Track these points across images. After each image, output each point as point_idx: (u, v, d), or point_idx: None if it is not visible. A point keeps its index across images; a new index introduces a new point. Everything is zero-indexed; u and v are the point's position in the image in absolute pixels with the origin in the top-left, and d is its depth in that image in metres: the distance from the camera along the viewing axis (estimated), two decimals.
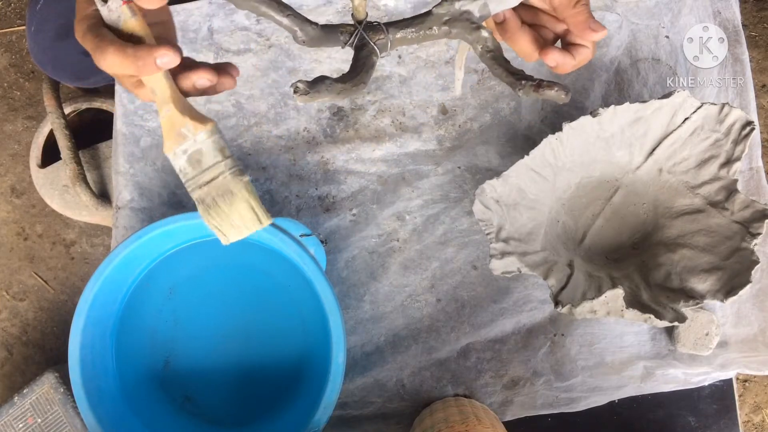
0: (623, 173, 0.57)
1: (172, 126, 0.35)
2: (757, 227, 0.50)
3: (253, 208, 0.36)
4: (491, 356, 0.60)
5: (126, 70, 0.33)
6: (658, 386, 0.59)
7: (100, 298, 0.51)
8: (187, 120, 0.35)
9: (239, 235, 0.37)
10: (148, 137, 0.63)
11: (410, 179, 0.62)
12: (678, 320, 0.48)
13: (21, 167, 1.30)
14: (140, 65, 0.32)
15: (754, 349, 0.59)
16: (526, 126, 0.62)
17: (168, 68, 0.33)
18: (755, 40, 1.31)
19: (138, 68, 0.32)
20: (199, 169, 0.35)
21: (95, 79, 0.90)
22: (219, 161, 0.35)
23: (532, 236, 0.54)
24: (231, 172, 0.35)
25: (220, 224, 0.36)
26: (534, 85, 0.35)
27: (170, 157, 0.36)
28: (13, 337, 1.27)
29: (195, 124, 0.35)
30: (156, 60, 0.32)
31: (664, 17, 0.63)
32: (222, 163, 0.35)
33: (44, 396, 0.96)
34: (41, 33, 0.88)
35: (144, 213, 0.62)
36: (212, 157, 0.35)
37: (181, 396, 0.55)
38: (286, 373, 0.55)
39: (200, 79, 0.36)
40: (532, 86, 0.35)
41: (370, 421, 0.59)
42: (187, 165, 0.35)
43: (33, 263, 1.28)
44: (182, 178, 0.36)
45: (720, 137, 0.53)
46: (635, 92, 0.63)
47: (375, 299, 0.60)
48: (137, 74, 0.34)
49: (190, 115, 0.35)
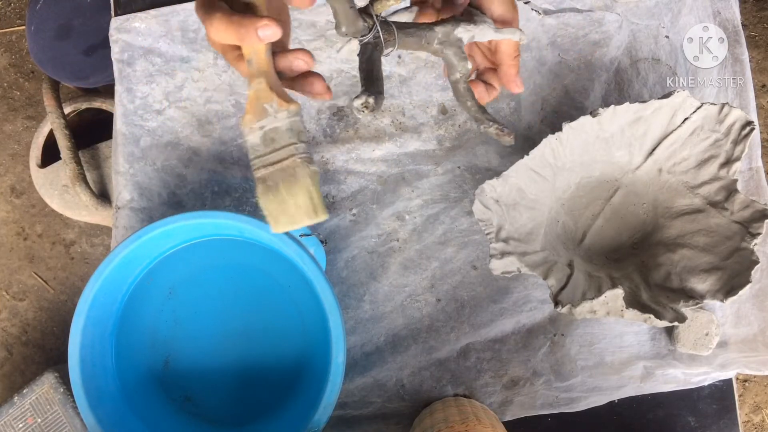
0: (623, 173, 0.57)
1: (257, 100, 0.35)
2: (757, 227, 0.50)
3: (312, 198, 0.35)
4: (491, 356, 0.60)
5: (228, 38, 0.33)
6: (657, 386, 0.59)
7: (99, 298, 0.51)
8: (273, 96, 0.35)
9: (290, 225, 0.36)
10: (147, 137, 0.63)
11: (410, 179, 0.62)
12: (678, 320, 0.48)
13: (21, 167, 1.30)
14: (242, 33, 0.33)
15: (754, 349, 0.59)
16: (526, 126, 0.62)
17: (268, 41, 0.33)
18: (755, 40, 1.31)
19: (240, 36, 0.33)
20: (271, 148, 0.35)
21: (95, 78, 0.90)
22: (293, 143, 0.35)
23: (532, 236, 0.54)
24: (301, 157, 0.35)
25: (274, 209, 0.36)
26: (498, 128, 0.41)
27: (245, 131, 0.36)
28: (13, 337, 1.27)
29: (280, 102, 0.34)
30: (258, 30, 0.32)
31: (664, 17, 0.63)
32: (294, 146, 0.35)
33: (44, 396, 0.96)
34: (41, 33, 0.88)
35: (144, 213, 0.62)
36: (287, 137, 0.35)
37: (181, 396, 0.55)
38: (286, 373, 0.55)
39: (297, 60, 0.36)
40: (497, 129, 0.41)
41: (370, 421, 0.59)
42: (260, 142, 0.35)
43: (33, 263, 1.28)
44: (251, 155, 0.36)
45: (720, 137, 0.53)
46: (635, 92, 0.63)
47: (375, 299, 0.60)
48: (239, 43, 0.34)
49: (278, 93, 0.35)
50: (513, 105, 0.62)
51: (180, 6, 0.63)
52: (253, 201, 0.62)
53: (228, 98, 0.63)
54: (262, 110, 0.35)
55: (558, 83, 0.62)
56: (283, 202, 0.35)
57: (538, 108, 0.62)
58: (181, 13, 0.63)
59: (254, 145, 0.35)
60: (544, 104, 0.62)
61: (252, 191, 0.62)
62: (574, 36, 0.63)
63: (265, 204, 0.36)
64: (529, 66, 0.62)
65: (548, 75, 0.62)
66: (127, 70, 0.63)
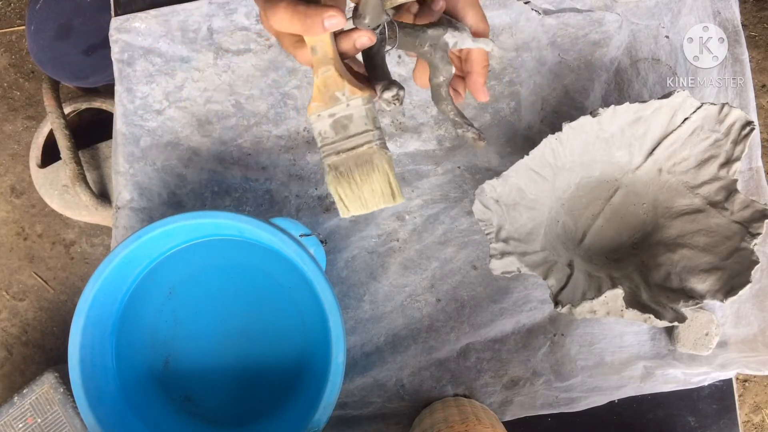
0: (623, 173, 0.57)
1: (326, 87, 0.35)
2: (757, 227, 0.50)
3: (391, 183, 0.35)
4: (491, 356, 0.60)
5: (293, 28, 0.33)
6: (657, 386, 0.59)
7: (99, 298, 0.51)
8: (345, 83, 0.34)
9: (364, 209, 0.36)
10: (147, 137, 0.63)
11: (410, 179, 0.62)
12: (678, 320, 0.48)
13: (21, 167, 1.30)
14: (308, 24, 0.32)
15: (754, 349, 0.59)
16: (526, 126, 0.62)
17: (333, 30, 0.33)
18: (755, 40, 1.31)
19: (305, 27, 0.33)
20: (343, 135, 0.35)
21: (95, 78, 0.90)
22: (368, 130, 0.35)
23: (532, 236, 0.54)
24: (377, 144, 0.35)
25: (347, 194, 0.36)
26: (475, 133, 0.41)
27: (312, 119, 0.35)
28: (13, 337, 1.27)
29: (352, 89, 0.34)
30: (324, 21, 0.32)
31: (664, 17, 0.63)
32: (370, 133, 0.35)
33: (44, 396, 0.96)
34: (41, 32, 0.88)
35: (144, 213, 0.62)
36: (362, 124, 0.35)
37: (181, 396, 0.55)
38: (286, 373, 0.55)
39: (361, 38, 0.35)
40: (474, 133, 0.41)
41: (370, 421, 0.59)
42: (329, 129, 0.35)
43: (33, 263, 1.28)
44: (319, 142, 0.36)
45: (720, 137, 0.53)
46: (635, 92, 0.63)
47: (375, 299, 0.60)
48: (303, 33, 0.34)
49: (348, 80, 0.35)
50: (513, 105, 0.62)
51: (180, 6, 0.63)
52: (253, 201, 0.62)
53: (228, 98, 0.63)
54: (332, 98, 0.35)
55: (558, 83, 0.62)
56: (357, 189, 0.35)
57: (538, 108, 0.62)
58: (181, 13, 0.63)
59: (323, 132, 0.35)
60: (544, 104, 0.62)
61: (252, 191, 0.62)
62: (574, 36, 0.63)
63: (337, 189, 0.36)
64: (529, 66, 0.62)
65: (548, 75, 0.62)
66: (127, 70, 0.63)
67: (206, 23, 0.63)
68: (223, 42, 0.63)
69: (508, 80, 0.62)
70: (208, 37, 0.63)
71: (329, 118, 0.35)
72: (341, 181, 0.36)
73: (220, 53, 0.63)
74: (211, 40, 0.63)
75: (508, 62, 0.62)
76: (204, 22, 0.63)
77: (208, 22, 0.63)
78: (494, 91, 0.62)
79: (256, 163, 0.62)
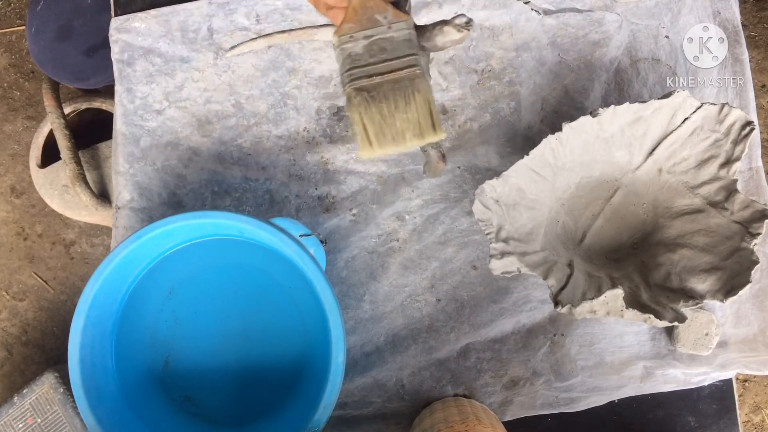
0: (623, 173, 0.57)
1: (364, 9, 0.33)
2: (757, 227, 0.50)
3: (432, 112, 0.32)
4: (491, 356, 0.60)
5: None
6: (657, 386, 0.59)
7: (99, 298, 0.51)
8: (389, 7, 0.33)
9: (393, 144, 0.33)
10: (147, 137, 0.63)
11: (410, 179, 0.62)
12: (678, 320, 0.48)
13: (21, 167, 1.30)
14: None
15: (754, 349, 0.59)
16: (526, 126, 0.62)
17: None
18: (755, 40, 1.31)
19: None
20: (379, 58, 0.33)
21: (95, 79, 0.90)
22: (412, 54, 0.33)
23: (532, 236, 0.54)
24: (420, 69, 0.33)
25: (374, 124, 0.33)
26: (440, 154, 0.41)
27: (342, 40, 0.33)
28: (12, 337, 1.27)
29: (397, 12, 0.33)
30: None
31: (664, 17, 0.63)
32: (414, 57, 0.33)
33: (44, 396, 0.96)
34: (41, 34, 0.88)
35: (144, 213, 0.62)
36: (405, 48, 0.33)
37: (181, 396, 0.55)
38: (286, 373, 0.55)
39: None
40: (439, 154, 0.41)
41: (370, 422, 0.59)
42: (363, 51, 0.33)
43: (33, 263, 1.28)
44: (347, 64, 0.33)
45: (720, 137, 0.53)
46: (635, 92, 0.63)
47: (375, 299, 0.60)
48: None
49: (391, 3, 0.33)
50: (513, 105, 0.62)
51: (180, 6, 0.63)
52: (253, 201, 0.62)
53: (228, 98, 0.63)
54: (370, 20, 0.33)
55: (558, 83, 0.62)
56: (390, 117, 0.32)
57: (538, 108, 0.62)
58: (181, 13, 0.63)
59: (355, 53, 0.33)
60: (544, 104, 0.62)
61: (252, 191, 0.62)
62: (574, 36, 0.63)
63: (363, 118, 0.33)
64: (529, 66, 0.62)
65: (548, 75, 0.62)
66: (127, 70, 0.63)
67: (206, 23, 0.63)
68: (223, 42, 0.63)
69: (508, 80, 0.62)
70: (208, 37, 0.63)
71: (364, 39, 0.33)
72: (370, 107, 0.32)
73: (220, 53, 0.63)
74: (211, 40, 0.63)
75: (508, 62, 0.62)
76: (204, 22, 0.63)
77: (208, 22, 0.63)
78: (494, 91, 0.62)
79: (256, 163, 0.62)
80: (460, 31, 0.34)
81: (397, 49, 0.33)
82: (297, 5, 0.62)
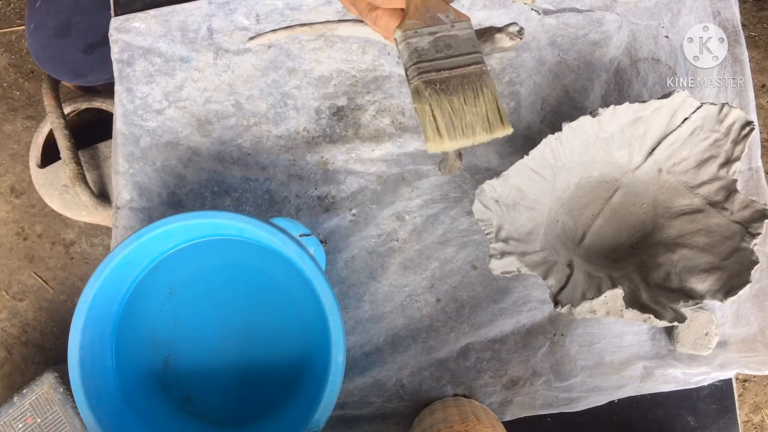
0: (623, 173, 0.57)
1: (426, 8, 0.34)
2: (757, 227, 0.50)
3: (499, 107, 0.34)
4: (491, 356, 0.60)
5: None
6: (657, 386, 0.59)
7: (99, 298, 0.51)
8: (450, 8, 0.34)
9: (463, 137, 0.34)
10: (147, 137, 0.63)
11: (410, 179, 0.62)
12: (677, 320, 0.48)
13: (20, 167, 1.30)
14: None
15: (754, 349, 0.59)
16: (526, 126, 0.62)
17: None
18: (755, 40, 1.31)
19: None
20: (446, 54, 0.34)
21: (94, 76, 0.90)
22: (477, 51, 0.34)
23: (532, 236, 0.54)
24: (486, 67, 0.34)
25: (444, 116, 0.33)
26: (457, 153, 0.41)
27: (404, 36, 0.34)
28: (12, 337, 1.27)
29: (458, 13, 0.34)
30: None
31: (663, 17, 0.63)
32: (478, 55, 0.34)
33: (44, 396, 0.96)
34: (40, 30, 0.88)
35: (143, 213, 0.62)
36: (470, 45, 0.34)
37: (181, 396, 0.55)
38: (286, 373, 0.55)
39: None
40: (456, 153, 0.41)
41: (370, 422, 0.59)
42: (429, 46, 0.34)
43: (32, 263, 1.28)
44: (413, 59, 0.34)
45: (719, 137, 0.53)
46: (635, 92, 0.63)
47: (374, 299, 0.60)
48: None
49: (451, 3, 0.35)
50: (513, 105, 0.62)
51: (180, 6, 0.63)
52: (252, 201, 0.62)
53: (228, 98, 0.63)
54: (434, 18, 0.34)
55: (558, 83, 0.62)
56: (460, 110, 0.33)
57: (538, 108, 0.62)
58: (181, 13, 0.63)
59: (421, 48, 0.34)
60: (544, 104, 0.62)
61: (252, 191, 0.62)
62: (573, 36, 0.63)
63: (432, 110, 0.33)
64: (528, 66, 0.62)
65: (548, 75, 0.62)
66: (127, 70, 0.63)
67: (206, 23, 0.63)
68: (223, 42, 0.63)
69: (508, 80, 0.62)
70: (208, 36, 0.63)
71: (429, 36, 0.34)
72: (441, 99, 0.33)
73: (220, 53, 0.63)
74: (211, 40, 0.63)
75: (508, 62, 0.62)
76: (204, 22, 0.63)
77: (207, 22, 0.63)
78: None
79: (255, 163, 0.62)
80: (513, 39, 0.36)
81: (462, 46, 0.34)
82: (297, 5, 0.62)
